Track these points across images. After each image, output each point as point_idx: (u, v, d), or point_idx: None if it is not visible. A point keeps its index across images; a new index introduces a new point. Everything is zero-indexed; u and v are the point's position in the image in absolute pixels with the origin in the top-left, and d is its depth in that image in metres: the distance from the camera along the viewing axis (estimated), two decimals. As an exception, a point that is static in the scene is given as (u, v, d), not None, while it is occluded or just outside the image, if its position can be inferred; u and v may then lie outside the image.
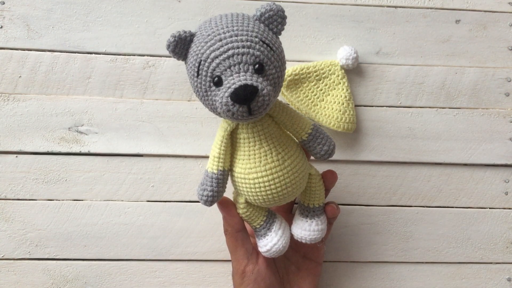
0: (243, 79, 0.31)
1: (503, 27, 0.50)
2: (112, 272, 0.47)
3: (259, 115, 0.32)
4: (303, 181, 0.38)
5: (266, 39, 0.33)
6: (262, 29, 0.33)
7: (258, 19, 0.34)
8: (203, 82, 0.33)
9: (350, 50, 0.47)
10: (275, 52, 0.33)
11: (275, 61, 0.33)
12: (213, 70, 0.32)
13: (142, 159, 0.48)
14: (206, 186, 0.37)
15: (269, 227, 0.40)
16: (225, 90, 0.31)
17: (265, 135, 0.36)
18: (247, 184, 0.36)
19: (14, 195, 0.47)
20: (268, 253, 0.40)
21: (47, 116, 0.47)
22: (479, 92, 0.50)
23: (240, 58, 0.32)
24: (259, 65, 0.32)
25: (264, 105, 0.32)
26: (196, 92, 0.34)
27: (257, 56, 0.32)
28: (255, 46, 0.32)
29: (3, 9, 0.47)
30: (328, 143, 0.38)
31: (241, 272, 0.40)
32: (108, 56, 0.47)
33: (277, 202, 0.37)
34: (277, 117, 0.37)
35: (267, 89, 0.31)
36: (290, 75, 0.45)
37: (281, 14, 0.34)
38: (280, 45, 0.35)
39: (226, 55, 0.32)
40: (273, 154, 0.36)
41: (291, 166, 0.36)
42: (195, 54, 0.33)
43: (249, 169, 0.36)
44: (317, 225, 0.40)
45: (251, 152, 0.36)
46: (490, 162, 0.49)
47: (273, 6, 0.33)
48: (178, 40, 0.33)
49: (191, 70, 0.33)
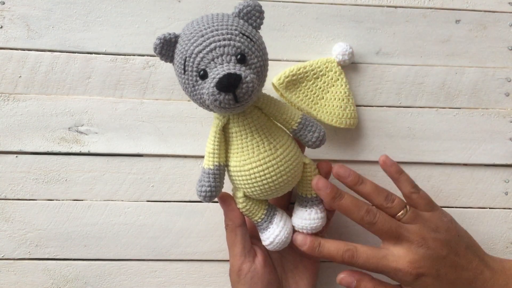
0: (226, 68, 0.33)
1: (503, 27, 0.50)
2: (112, 272, 0.47)
3: (245, 102, 0.34)
4: (298, 170, 0.39)
5: (246, 32, 0.35)
6: (241, 23, 0.35)
7: (237, 15, 0.36)
8: (189, 78, 0.34)
9: (345, 46, 0.47)
10: (256, 43, 0.35)
11: (256, 51, 0.35)
12: (198, 64, 0.34)
13: (142, 159, 0.48)
14: (203, 182, 0.38)
15: (271, 220, 0.41)
16: (210, 81, 0.33)
17: (255, 127, 0.37)
18: (243, 176, 0.38)
19: (14, 195, 0.47)
20: (271, 245, 0.40)
21: (47, 116, 0.47)
22: (479, 92, 0.50)
23: (222, 50, 0.33)
24: (241, 55, 0.34)
25: (249, 92, 0.33)
26: (185, 89, 0.36)
27: (238, 47, 0.34)
28: (236, 38, 0.34)
29: (3, 9, 0.47)
30: (318, 130, 0.40)
31: (237, 270, 0.41)
32: (108, 56, 0.47)
33: (274, 193, 0.38)
34: (266, 109, 0.38)
35: (250, 77, 0.33)
36: (287, 75, 0.46)
37: (258, 9, 0.36)
38: (260, 37, 0.36)
39: (208, 48, 0.33)
40: (265, 144, 0.37)
41: (284, 155, 0.37)
42: (180, 52, 0.35)
43: (244, 161, 0.37)
44: (316, 213, 0.40)
45: (243, 144, 0.38)
46: (490, 162, 0.49)
47: (250, 2, 0.36)
48: (164, 42, 0.35)
49: (178, 68, 0.35)
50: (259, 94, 0.38)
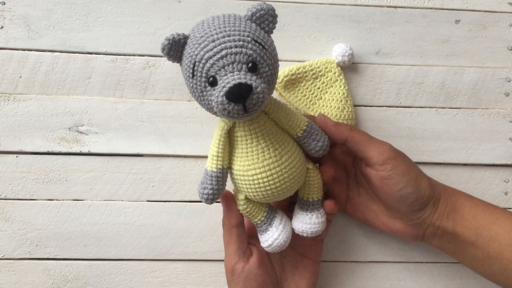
0: (237, 78, 0.32)
1: (503, 27, 0.50)
2: (112, 272, 0.47)
3: (255, 112, 0.33)
4: (301, 176, 0.39)
5: (258, 38, 0.33)
6: (254, 28, 0.34)
7: (250, 18, 0.34)
8: (198, 83, 0.33)
9: (346, 47, 0.47)
10: (268, 51, 0.34)
11: (268, 59, 0.34)
12: (208, 71, 0.33)
13: (142, 159, 0.48)
14: (206, 184, 0.38)
15: (270, 222, 0.40)
16: (220, 89, 0.32)
17: (261, 132, 0.37)
18: (246, 180, 0.37)
19: (14, 195, 0.47)
20: (270, 247, 0.40)
21: (47, 116, 0.47)
22: (479, 92, 0.50)
23: (234, 57, 0.32)
24: (252, 63, 0.33)
25: (259, 103, 0.32)
26: (192, 93, 0.35)
27: (250, 55, 0.33)
28: (248, 45, 0.33)
29: (4, 10, 0.47)
30: (322, 139, 0.39)
31: (231, 269, 0.41)
32: (108, 56, 0.48)
33: (276, 197, 0.38)
34: (272, 114, 0.38)
35: (261, 87, 0.32)
36: (286, 75, 0.46)
37: (272, 13, 0.34)
38: (272, 43, 0.35)
39: (219, 55, 0.32)
40: (270, 150, 0.37)
41: (289, 162, 0.37)
42: (189, 55, 0.33)
43: (248, 166, 0.37)
44: (317, 218, 0.40)
45: (248, 149, 0.37)
46: (490, 162, 0.49)
47: (263, 5, 0.34)
48: (172, 43, 0.34)
49: (186, 71, 0.34)
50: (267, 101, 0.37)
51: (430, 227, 0.41)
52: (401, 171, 0.40)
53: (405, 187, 0.40)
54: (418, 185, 0.40)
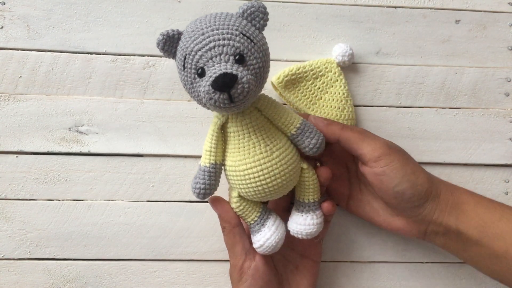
0: (223, 68, 0.33)
1: (503, 27, 0.50)
2: (112, 272, 0.47)
3: (241, 103, 0.34)
4: (294, 174, 0.39)
5: (247, 33, 0.34)
6: (244, 24, 0.35)
7: (241, 15, 0.36)
8: (188, 75, 0.35)
9: (346, 47, 0.47)
10: (256, 45, 0.35)
11: (255, 52, 0.34)
12: (197, 62, 0.34)
13: (142, 159, 0.48)
14: (198, 179, 0.38)
15: (263, 223, 0.40)
16: (207, 79, 0.33)
17: (253, 128, 0.37)
18: (238, 176, 0.38)
19: (14, 195, 0.47)
20: (261, 248, 0.40)
21: (47, 116, 0.47)
22: (479, 92, 0.50)
23: (221, 49, 0.33)
24: (240, 56, 0.34)
25: (244, 93, 0.33)
26: (184, 86, 0.36)
27: (237, 47, 0.34)
28: (236, 38, 0.34)
29: (4, 10, 0.47)
30: (317, 136, 0.39)
31: (239, 268, 0.41)
32: (108, 56, 0.48)
33: (268, 196, 0.38)
34: (265, 111, 0.38)
35: (247, 78, 0.33)
36: (286, 75, 0.46)
37: (262, 10, 0.36)
38: (263, 38, 0.36)
39: (208, 47, 0.34)
40: (262, 145, 0.37)
41: (280, 158, 0.37)
42: (181, 49, 0.35)
43: (239, 161, 0.37)
44: (312, 219, 0.40)
45: (240, 144, 0.38)
46: (490, 162, 0.49)
47: (254, 3, 0.35)
48: (167, 38, 0.35)
49: (179, 64, 0.35)
50: (257, 95, 0.37)
51: (432, 224, 0.41)
52: (395, 166, 0.39)
53: (400, 183, 0.39)
54: (414, 180, 0.39)
